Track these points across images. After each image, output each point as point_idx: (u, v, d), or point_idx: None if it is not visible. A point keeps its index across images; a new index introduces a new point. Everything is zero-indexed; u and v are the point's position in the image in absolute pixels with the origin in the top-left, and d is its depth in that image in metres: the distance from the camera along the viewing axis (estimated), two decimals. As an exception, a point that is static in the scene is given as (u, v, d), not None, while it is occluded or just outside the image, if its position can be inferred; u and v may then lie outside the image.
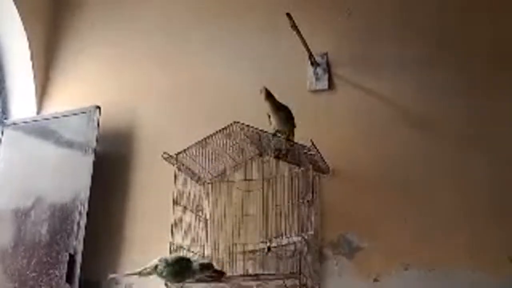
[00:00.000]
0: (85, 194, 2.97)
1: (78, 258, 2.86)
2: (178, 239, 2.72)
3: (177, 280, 2.49)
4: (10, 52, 3.53)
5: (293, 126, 2.69)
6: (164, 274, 2.45)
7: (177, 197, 2.77)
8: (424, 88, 2.92)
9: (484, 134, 2.75)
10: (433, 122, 2.85)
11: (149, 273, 2.48)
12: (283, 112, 2.68)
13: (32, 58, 3.51)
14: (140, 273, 2.49)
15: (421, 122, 2.87)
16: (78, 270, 2.84)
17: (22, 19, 3.44)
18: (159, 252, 2.77)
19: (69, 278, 2.83)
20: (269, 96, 2.69)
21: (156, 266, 2.46)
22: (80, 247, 2.88)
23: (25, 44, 3.48)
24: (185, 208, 2.80)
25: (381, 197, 2.75)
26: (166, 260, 2.48)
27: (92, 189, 2.98)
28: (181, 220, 2.77)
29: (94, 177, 3.01)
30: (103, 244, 3.07)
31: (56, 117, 3.28)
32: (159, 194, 2.98)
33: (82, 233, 2.90)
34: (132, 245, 3.05)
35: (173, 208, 2.75)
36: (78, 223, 2.92)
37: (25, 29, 3.46)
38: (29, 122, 3.36)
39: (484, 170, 2.68)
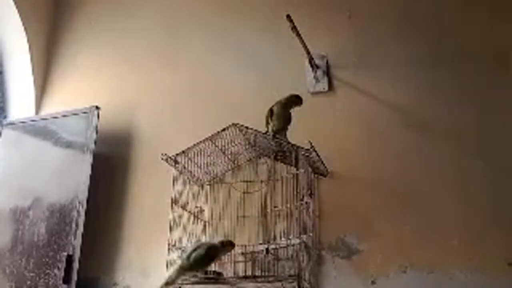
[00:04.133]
0: (83, 194, 2.97)
1: (76, 259, 2.85)
2: (176, 241, 2.72)
3: (206, 263, 2.47)
4: (9, 52, 3.53)
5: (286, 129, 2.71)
6: (192, 261, 2.41)
7: (175, 198, 2.77)
8: (423, 90, 2.92)
9: (483, 137, 2.75)
10: (432, 125, 2.85)
11: (177, 277, 2.42)
12: (289, 113, 2.70)
13: (31, 58, 3.51)
14: (166, 284, 2.43)
15: (421, 124, 2.87)
16: (75, 271, 2.84)
17: (21, 18, 3.44)
18: (157, 252, 2.79)
19: (67, 279, 2.82)
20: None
21: (180, 263, 2.43)
22: (78, 248, 2.87)
23: (24, 44, 3.48)
24: (183, 209, 2.80)
25: (380, 200, 2.75)
26: (187, 251, 2.45)
27: (90, 189, 2.98)
28: (179, 221, 2.77)
29: (92, 178, 3.01)
30: (101, 245, 3.07)
31: (55, 117, 3.28)
32: (158, 195, 2.98)
33: (80, 233, 2.90)
34: (130, 245, 3.04)
35: (172, 209, 2.75)
36: (76, 224, 2.92)
37: (25, 29, 3.46)
38: (27, 122, 3.35)
39: (483, 173, 2.68)
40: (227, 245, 2.51)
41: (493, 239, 2.55)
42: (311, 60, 3.02)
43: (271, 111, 2.72)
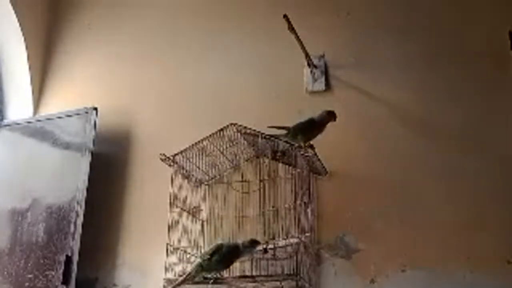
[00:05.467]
0: (82, 195, 2.96)
1: (75, 259, 2.85)
2: (175, 241, 2.72)
3: (227, 265, 2.48)
4: (6, 53, 3.52)
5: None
6: (213, 262, 2.41)
7: (173, 198, 2.77)
8: (421, 89, 2.93)
9: (484, 136, 2.76)
10: (430, 124, 2.86)
11: (195, 275, 2.43)
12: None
13: (28, 58, 3.49)
14: (184, 280, 2.43)
15: (419, 123, 2.88)
16: (74, 271, 2.83)
17: (18, 19, 3.43)
18: (156, 252, 2.78)
19: (66, 279, 2.82)
20: None
21: (200, 265, 2.42)
22: (76, 248, 2.87)
23: (22, 44, 3.47)
24: (182, 209, 2.80)
25: (378, 199, 2.75)
26: (206, 254, 2.45)
27: (89, 190, 2.97)
28: (178, 221, 2.77)
29: (91, 178, 3.00)
30: (100, 245, 3.06)
31: (53, 118, 3.27)
32: (156, 196, 2.98)
33: (78, 234, 2.89)
34: (129, 245, 3.04)
35: (170, 209, 2.74)
36: (75, 224, 2.91)
37: (22, 29, 3.45)
38: (25, 123, 3.35)
39: (482, 172, 2.69)
40: (251, 245, 2.49)
41: (493, 237, 2.55)
42: (309, 59, 3.02)
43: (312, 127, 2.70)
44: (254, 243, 2.50)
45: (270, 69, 3.17)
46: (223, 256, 2.43)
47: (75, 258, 2.85)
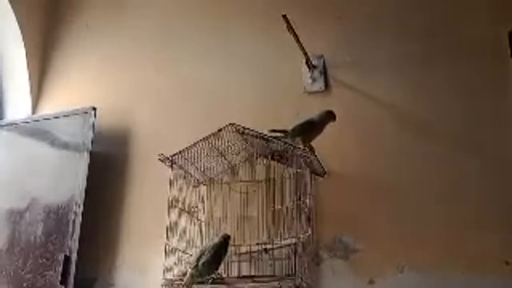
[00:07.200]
0: (80, 195, 2.97)
1: (73, 259, 2.85)
2: (173, 241, 2.72)
3: (215, 266, 2.49)
4: (5, 52, 3.52)
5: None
6: (200, 268, 2.44)
7: (172, 199, 2.77)
8: (420, 89, 2.92)
9: (480, 136, 2.75)
10: (428, 124, 2.86)
11: (191, 283, 2.47)
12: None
13: (27, 59, 3.50)
14: None
15: (417, 123, 2.87)
16: (73, 271, 2.83)
17: (17, 19, 3.43)
18: (155, 253, 2.79)
19: (64, 279, 2.82)
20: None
21: (191, 275, 2.45)
22: (75, 248, 2.87)
23: (21, 45, 3.47)
24: (180, 209, 2.80)
25: (377, 199, 2.76)
26: (193, 262, 2.47)
27: (87, 190, 2.97)
28: (176, 221, 2.77)
29: (89, 178, 3.00)
30: (98, 245, 3.06)
31: (52, 118, 3.27)
32: (155, 196, 2.98)
33: (77, 234, 2.89)
34: (127, 245, 3.04)
35: (169, 209, 2.74)
36: (74, 224, 2.91)
37: (21, 29, 3.45)
38: (24, 122, 3.35)
39: (479, 172, 2.68)
40: (224, 241, 2.52)
41: (490, 238, 2.55)
42: (307, 60, 3.02)
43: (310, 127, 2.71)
44: (226, 238, 2.53)
45: (269, 69, 3.17)
46: (208, 259, 2.45)
47: (74, 258, 2.85)
